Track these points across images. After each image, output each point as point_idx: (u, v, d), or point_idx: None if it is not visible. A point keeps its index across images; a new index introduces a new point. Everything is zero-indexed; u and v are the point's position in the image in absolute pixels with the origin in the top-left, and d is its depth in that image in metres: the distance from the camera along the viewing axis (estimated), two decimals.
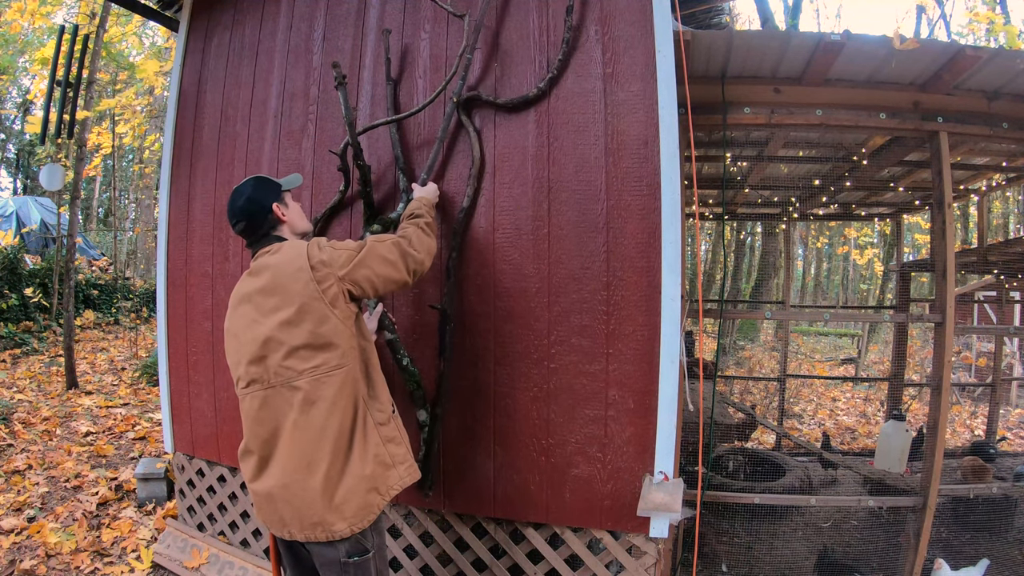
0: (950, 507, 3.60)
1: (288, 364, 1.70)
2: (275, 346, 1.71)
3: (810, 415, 7.65)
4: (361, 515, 1.70)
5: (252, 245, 1.88)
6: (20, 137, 19.56)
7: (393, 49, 2.57)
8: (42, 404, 5.48)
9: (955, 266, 2.64)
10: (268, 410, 1.73)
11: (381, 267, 1.83)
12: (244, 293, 1.82)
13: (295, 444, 1.69)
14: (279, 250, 1.80)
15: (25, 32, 10.37)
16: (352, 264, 1.77)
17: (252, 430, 1.77)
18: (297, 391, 1.70)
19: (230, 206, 1.88)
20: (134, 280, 12.31)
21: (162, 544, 3.12)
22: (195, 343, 3.05)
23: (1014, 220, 12.25)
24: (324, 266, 1.74)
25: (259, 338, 1.72)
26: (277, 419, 1.72)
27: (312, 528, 1.68)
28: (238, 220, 1.87)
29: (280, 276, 1.73)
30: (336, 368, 1.72)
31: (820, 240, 17.39)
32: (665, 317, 2.12)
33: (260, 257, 1.83)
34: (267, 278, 1.75)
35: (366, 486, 1.71)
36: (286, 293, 1.71)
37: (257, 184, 1.90)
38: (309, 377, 1.70)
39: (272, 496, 1.71)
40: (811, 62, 2.47)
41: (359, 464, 1.72)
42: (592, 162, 2.24)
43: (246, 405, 1.78)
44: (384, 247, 1.86)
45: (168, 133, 3.16)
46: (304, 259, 1.74)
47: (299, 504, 1.68)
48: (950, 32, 12.11)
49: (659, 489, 2.10)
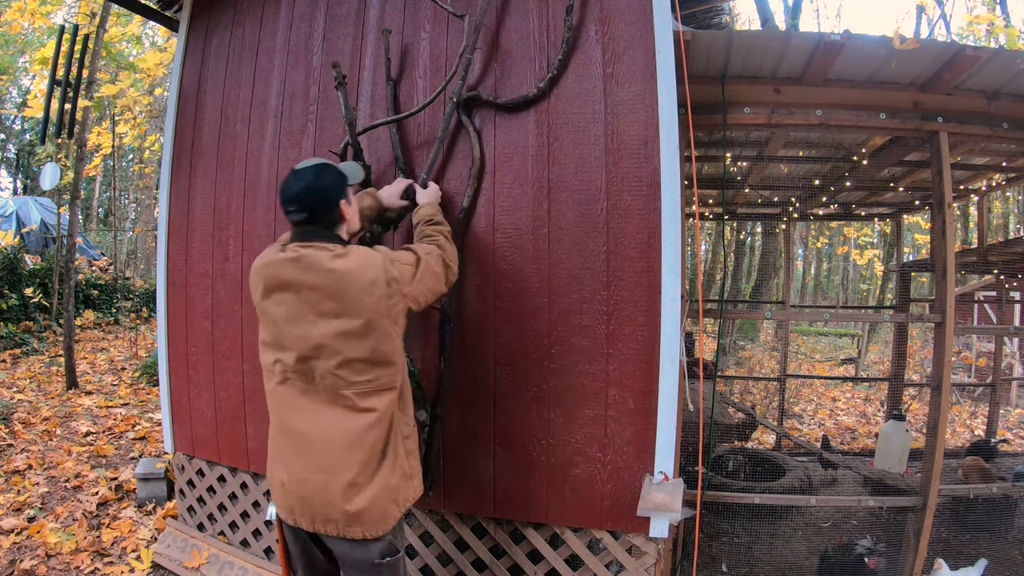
0: (950, 507, 3.60)
1: (340, 374, 1.66)
2: (329, 353, 1.65)
3: (810, 415, 7.65)
4: (379, 523, 1.68)
5: (301, 236, 1.74)
6: (20, 137, 19.57)
7: (393, 49, 2.57)
8: (42, 404, 5.48)
9: (955, 266, 2.64)
10: (305, 403, 1.69)
11: (432, 282, 1.83)
12: (285, 279, 1.69)
13: (330, 445, 1.66)
14: (346, 254, 1.69)
15: (25, 32, 10.37)
16: (414, 281, 1.76)
17: (282, 419, 1.73)
18: (342, 397, 1.67)
19: (288, 190, 1.73)
20: (134, 280, 12.31)
21: (162, 544, 3.12)
22: (195, 343, 3.05)
23: (1014, 220, 12.25)
24: (395, 283, 1.70)
25: (311, 340, 1.65)
26: (313, 414, 1.69)
27: (334, 525, 1.66)
28: (298, 209, 1.72)
29: (347, 284, 1.64)
30: (388, 386, 1.71)
31: (820, 240, 17.40)
32: (665, 317, 2.12)
33: (311, 250, 1.69)
34: (327, 279, 1.65)
35: (389, 496, 1.70)
36: (353, 304, 1.64)
37: (324, 172, 1.76)
38: (359, 389, 1.67)
39: (297, 490, 1.68)
40: (811, 62, 2.47)
41: (388, 475, 1.70)
42: (592, 162, 2.23)
43: (280, 393, 1.73)
44: (433, 260, 1.85)
45: (168, 133, 3.16)
46: (381, 273, 1.67)
47: (321, 502, 1.65)
48: (950, 32, 12.12)
49: (659, 489, 2.10)
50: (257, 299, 1.77)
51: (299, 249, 1.71)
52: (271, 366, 1.76)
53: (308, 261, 1.67)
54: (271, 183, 2.80)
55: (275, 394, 1.76)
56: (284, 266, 1.70)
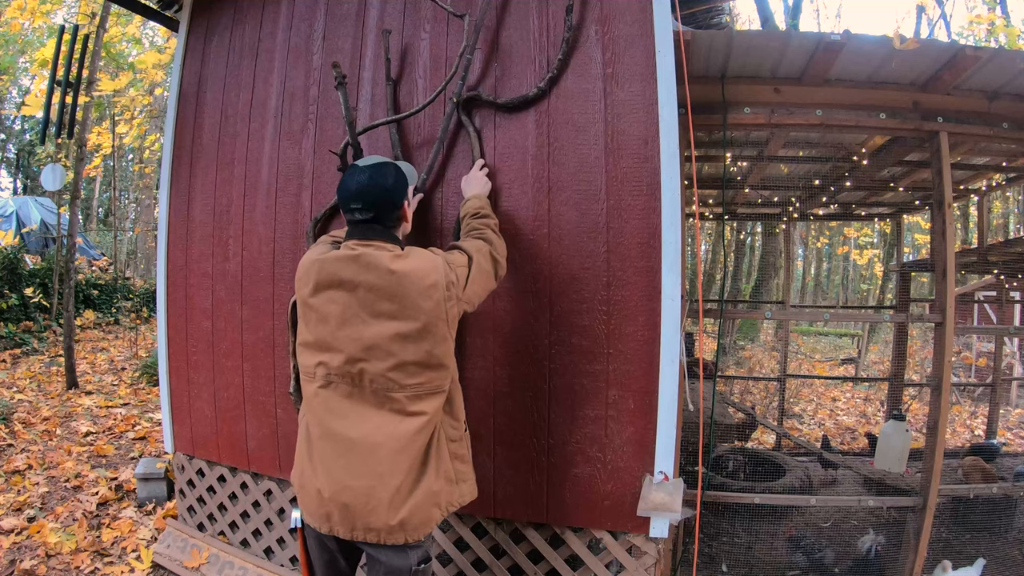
0: (950, 507, 3.60)
1: (392, 376, 1.62)
2: (382, 355, 1.61)
3: (810, 415, 7.66)
4: (420, 529, 1.64)
5: (361, 234, 1.70)
6: (20, 137, 19.57)
7: (393, 49, 2.57)
8: (42, 404, 5.48)
9: (955, 266, 2.64)
10: (350, 406, 1.65)
11: (484, 281, 1.81)
12: (341, 278, 1.64)
13: (377, 450, 1.61)
14: (407, 256, 1.67)
15: (25, 32, 10.37)
16: (467, 283, 1.73)
17: (324, 424, 1.66)
18: (392, 400, 1.63)
19: (352, 188, 1.69)
20: (134, 280, 12.32)
21: (162, 544, 3.12)
22: (195, 343, 3.05)
23: (1014, 220, 12.25)
24: (453, 287, 1.68)
25: (363, 341, 1.61)
26: (359, 419, 1.64)
27: (375, 533, 1.61)
28: (364, 208, 1.67)
29: (407, 286, 1.61)
30: (438, 390, 1.68)
31: (820, 240, 17.41)
32: (665, 317, 2.12)
33: (371, 249, 1.66)
34: (386, 280, 1.61)
35: (432, 501, 1.66)
36: (411, 307, 1.61)
37: (390, 171, 1.72)
38: (410, 392, 1.63)
39: (339, 497, 1.62)
40: (811, 62, 2.47)
41: (432, 479, 1.66)
42: (592, 162, 2.23)
43: (323, 397, 1.67)
44: (483, 257, 1.83)
45: (168, 133, 3.16)
46: (441, 277, 1.65)
47: (364, 509, 1.60)
48: (950, 32, 12.13)
49: (659, 489, 2.10)
50: (305, 295, 1.70)
51: (358, 247, 1.66)
52: (312, 368, 1.69)
53: (368, 260, 1.63)
54: (271, 183, 2.80)
55: (316, 398, 1.68)
56: (341, 264, 1.65)
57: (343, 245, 1.71)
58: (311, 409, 1.71)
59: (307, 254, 1.78)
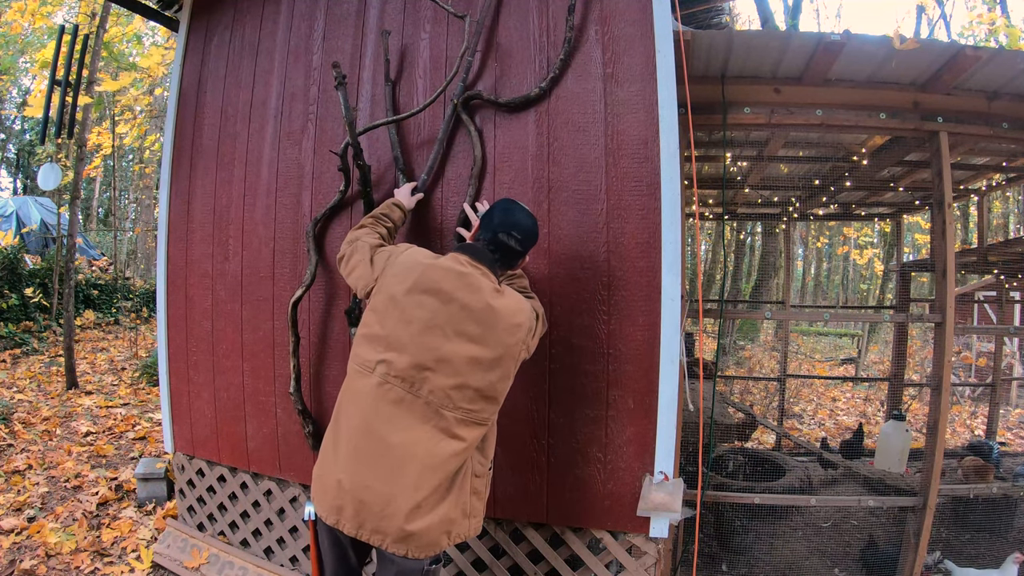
0: (950, 507, 3.60)
1: (452, 395, 1.65)
2: (450, 372, 1.64)
3: (810, 415, 7.66)
4: (424, 550, 1.64)
5: (477, 255, 1.78)
6: (20, 137, 19.58)
7: (393, 49, 2.57)
8: (42, 404, 5.48)
9: (955, 266, 2.64)
10: (396, 412, 1.65)
11: (540, 337, 1.91)
12: (441, 287, 1.68)
13: (412, 462, 1.62)
14: (503, 293, 1.74)
15: (25, 32, 10.38)
16: (535, 335, 1.83)
17: (368, 421, 1.66)
18: (440, 417, 1.65)
19: (525, 222, 1.85)
20: (134, 280, 12.32)
21: (162, 544, 3.12)
22: (195, 343, 3.05)
23: (1014, 220, 12.26)
24: (531, 335, 1.79)
25: (438, 352, 1.64)
26: (404, 427, 1.64)
27: (381, 537, 1.62)
28: (520, 243, 1.84)
29: (496, 319, 1.68)
30: (484, 422, 1.71)
31: (820, 240, 17.40)
32: (665, 317, 2.12)
33: (479, 272, 1.74)
34: (480, 305, 1.67)
35: (444, 528, 1.66)
36: (494, 338, 1.68)
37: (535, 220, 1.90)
38: (461, 415, 1.66)
39: (357, 493, 1.63)
40: (811, 62, 2.47)
41: (450, 506, 1.67)
42: (592, 162, 2.24)
43: (374, 396, 1.66)
44: (543, 322, 1.94)
45: (168, 133, 3.16)
46: (529, 320, 1.76)
47: (379, 513, 1.61)
48: (950, 32, 12.14)
49: (659, 489, 2.10)
50: (398, 291, 1.71)
51: (467, 266, 1.74)
52: (372, 363, 1.68)
53: (472, 281, 1.70)
54: (271, 183, 2.80)
55: (366, 394, 1.68)
56: (448, 275, 1.70)
57: (452, 256, 1.77)
58: (355, 402, 1.70)
59: (414, 253, 1.81)
